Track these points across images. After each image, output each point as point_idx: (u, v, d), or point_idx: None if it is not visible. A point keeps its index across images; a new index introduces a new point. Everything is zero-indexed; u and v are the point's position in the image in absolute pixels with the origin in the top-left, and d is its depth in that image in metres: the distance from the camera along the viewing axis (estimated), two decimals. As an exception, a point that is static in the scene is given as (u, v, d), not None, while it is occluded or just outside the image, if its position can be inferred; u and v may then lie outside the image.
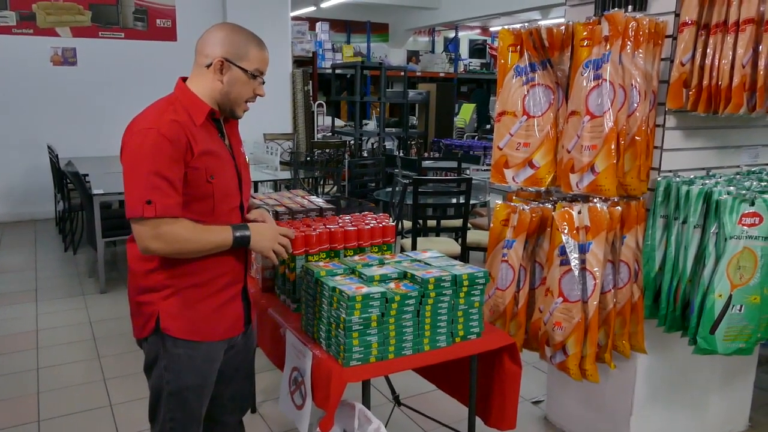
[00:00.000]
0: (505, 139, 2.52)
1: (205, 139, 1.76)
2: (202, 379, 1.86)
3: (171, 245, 1.69)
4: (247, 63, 1.78)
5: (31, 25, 7.44)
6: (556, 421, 3.03)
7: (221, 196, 1.80)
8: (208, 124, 1.80)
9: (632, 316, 2.45)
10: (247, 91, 1.81)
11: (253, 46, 1.79)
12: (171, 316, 1.78)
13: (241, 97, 1.81)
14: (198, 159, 1.72)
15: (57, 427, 2.99)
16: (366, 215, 2.46)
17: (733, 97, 2.12)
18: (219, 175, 1.79)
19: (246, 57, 1.77)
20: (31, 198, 7.64)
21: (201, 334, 1.82)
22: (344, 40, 12.04)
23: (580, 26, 2.30)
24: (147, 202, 1.64)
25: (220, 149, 1.82)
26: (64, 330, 4.20)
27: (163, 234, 1.67)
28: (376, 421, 1.79)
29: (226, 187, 1.82)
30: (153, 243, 1.68)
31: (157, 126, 1.67)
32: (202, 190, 1.75)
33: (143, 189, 1.65)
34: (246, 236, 1.80)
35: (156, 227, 1.66)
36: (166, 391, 1.83)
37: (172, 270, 1.77)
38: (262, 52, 1.81)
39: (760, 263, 2.20)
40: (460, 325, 2.02)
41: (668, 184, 2.33)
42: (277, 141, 8.36)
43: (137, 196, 1.65)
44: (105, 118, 7.55)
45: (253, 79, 1.80)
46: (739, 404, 2.98)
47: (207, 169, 1.75)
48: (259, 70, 1.80)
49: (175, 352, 1.80)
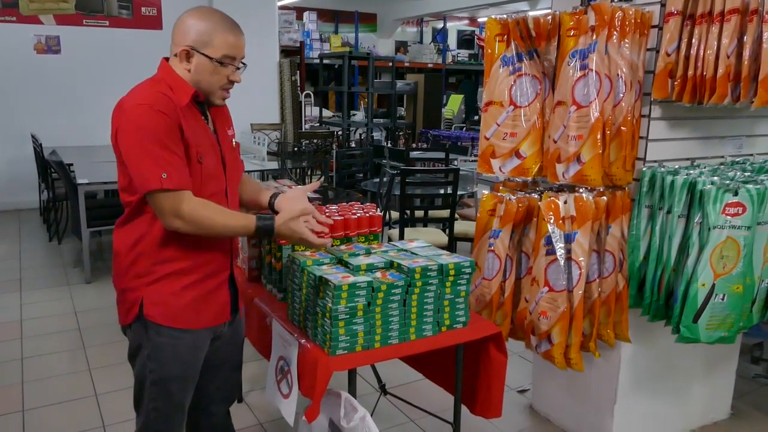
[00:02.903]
0: (492, 129, 2.52)
1: (190, 120, 1.73)
2: (185, 369, 1.84)
3: (191, 224, 1.67)
4: (213, 50, 1.70)
5: (14, 12, 7.33)
6: (542, 410, 3.05)
7: (206, 179, 1.77)
8: (192, 107, 1.76)
9: (617, 306, 2.47)
10: (218, 79, 1.74)
11: (220, 31, 1.70)
12: (154, 303, 1.77)
13: (213, 86, 1.75)
14: (189, 137, 1.70)
15: (41, 417, 2.98)
16: (353, 205, 2.45)
17: (718, 87, 2.13)
18: (206, 158, 1.76)
19: (211, 44, 1.70)
20: (15, 188, 7.55)
21: (185, 321, 1.80)
22: (332, 30, 11.96)
23: (567, 16, 2.30)
24: (162, 175, 1.62)
25: (204, 133, 1.79)
26: (48, 320, 4.17)
27: (181, 209, 1.65)
28: (362, 409, 1.80)
29: (211, 170, 1.78)
30: (172, 219, 1.66)
31: (149, 102, 1.64)
32: (194, 170, 1.72)
33: (154, 163, 1.62)
34: (270, 228, 1.77)
35: (178, 205, 1.64)
36: (149, 380, 1.82)
37: (156, 256, 1.75)
38: (231, 38, 1.72)
39: (742, 253, 2.22)
40: (447, 314, 2.03)
41: (653, 174, 2.34)
42: (264, 131, 8.32)
43: (150, 170, 1.62)
44: (89, 107, 7.47)
45: (222, 66, 1.72)
46: (722, 393, 3.01)
47: (198, 149, 1.73)
48: (228, 56, 1.72)
49: (158, 341, 1.79)
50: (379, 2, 12.26)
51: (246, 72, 1.82)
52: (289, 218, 1.80)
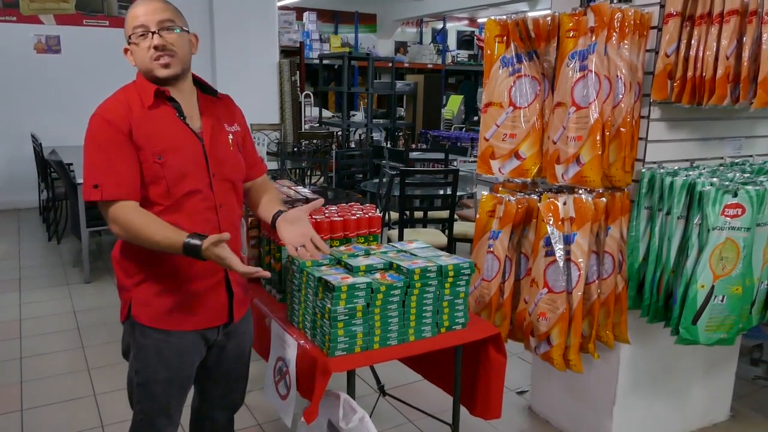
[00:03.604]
0: (492, 130, 2.52)
1: (154, 120, 1.72)
2: (171, 372, 1.81)
3: (124, 230, 1.69)
4: (127, 31, 1.73)
5: (15, 12, 7.33)
6: (540, 411, 3.05)
7: (176, 178, 1.72)
8: (164, 105, 1.75)
9: (616, 307, 2.47)
10: (143, 54, 1.72)
11: (129, 15, 1.73)
12: (140, 304, 1.77)
13: (145, 63, 1.73)
14: (142, 139, 1.69)
15: (40, 417, 2.98)
16: (353, 206, 2.45)
17: (717, 88, 2.13)
18: (171, 156, 1.71)
19: (127, 30, 1.73)
20: (15, 187, 7.55)
21: (169, 323, 1.78)
22: (332, 31, 11.96)
23: (566, 17, 2.30)
24: (94, 186, 1.67)
25: (174, 129, 1.75)
26: (47, 320, 4.17)
27: (116, 218, 1.68)
28: (360, 410, 1.79)
29: (181, 167, 1.73)
30: (112, 226, 1.70)
31: (101, 110, 1.72)
32: (152, 170, 1.70)
33: (90, 173, 1.69)
34: (196, 250, 1.63)
35: (107, 210, 1.69)
36: (135, 381, 1.83)
37: (142, 257, 1.75)
38: (134, 10, 1.72)
39: (742, 254, 2.22)
40: (446, 315, 2.02)
41: (652, 176, 2.34)
42: (264, 131, 8.31)
43: (86, 180, 1.69)
44: (89, 106, 7.19)
45: (140, 39, 1.71)
46: (721, 394, 3.01)
47: (153, 149, 1.70)
48: (136, 27, 1.70)
49: (143, 342, 1.78)
50: (378, 3, 12.26)
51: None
52: (211, 243, 1.63)
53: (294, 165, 7.12)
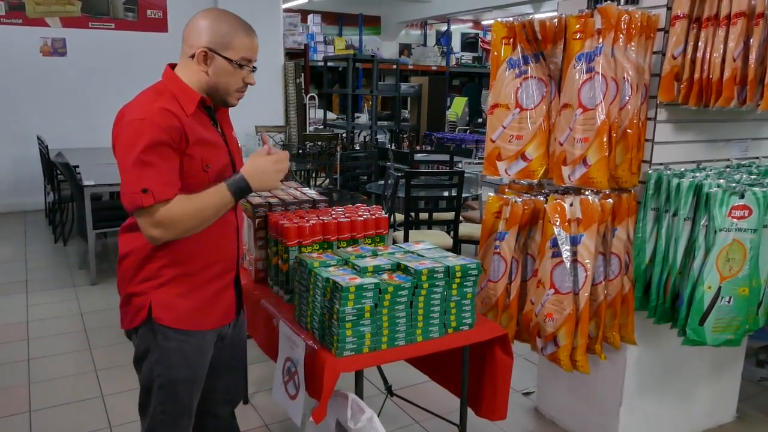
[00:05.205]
0: (498, 131, 2.53)
1: (197, 127, 1.73)
2: (193, 372, 1.85)
3: (171, 228, 1.66)
4: (232, 52, 1.72)
5: (21, 15, 7.37)
6: (547, 412, 3.06)
7: (214, 184, 1.75)
8: (200, 112, 1.77)
9: (623, 308, 2.47)
10: (235, 81, 1.76)
11: (238, 34, 1.72)
12: (163, 306, 1.77)
13: (230, 87, 1.76)
14: (193, 147, 1.70)
15: (48, 418, 2.99)
16: (359, 207, 2.46)
17: (724, 90, 2.13)
18: (214, 164, 1.77)
19: (231, 46, 1.71)
20: (21, 189, 7.58)
21: (193, 323, 1.81)
22: (336, 33, 11.98)
23: (573, 19, 2.30)
24: (143, 191, 1.61)
25: (213, 137, 1.80)
26: (54, 321, 4.18)
27: (160, 220, 1.64)
28: (368, 410, 1.80)
29: (220, 175, 1.78)
30: (154, 231, 1.65)
31: (149, 116, 1.63)
32: (199, 179, 1.72)
33: (137, 178, 1.62)
34: (241, 181, 1.73)
35: (152, 214, 1.64)
36: (156, 384, 1.82)
37: (165, 259, 1.76)
38: (248, 40, 1.74)
39: (749, 255, 2.23)
40: (453, 316, 2.03)
41: (659, 177, 2.35)
42: (269, 133, 8.33)
43: (133, 186, 1.63)
44: (95, 109, 7.50)
45: (239, 69, 1.74)
46: (727, 395, 3.01)
47: (203, 158, 1.73)
48: (245, 58, 1.74)
49: (166, 345, 1.79)
50: (383, 5, 12.27)
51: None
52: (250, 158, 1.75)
53: (299, 167, 7.13)
